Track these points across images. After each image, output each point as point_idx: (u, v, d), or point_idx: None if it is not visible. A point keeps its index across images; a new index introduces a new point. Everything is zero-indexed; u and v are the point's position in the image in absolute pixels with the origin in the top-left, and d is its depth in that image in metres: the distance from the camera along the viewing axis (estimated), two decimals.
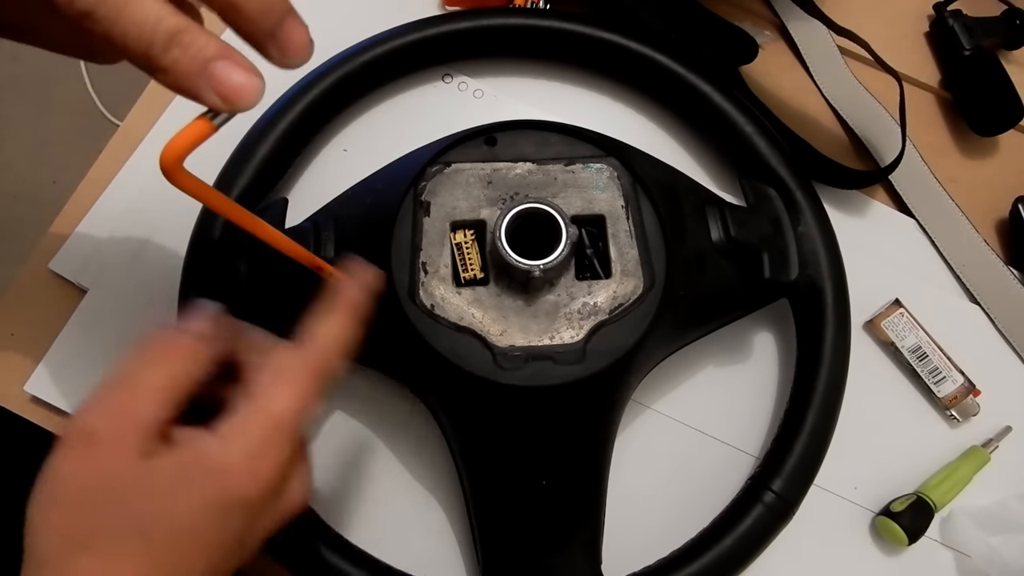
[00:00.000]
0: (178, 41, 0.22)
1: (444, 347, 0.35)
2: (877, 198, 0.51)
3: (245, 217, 0.28)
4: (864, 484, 0.44)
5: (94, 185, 0.48)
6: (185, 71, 0.22)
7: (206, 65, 0.22)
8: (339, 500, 0.42)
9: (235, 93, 0.23)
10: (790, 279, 0.42)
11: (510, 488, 0.38)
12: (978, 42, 0.53)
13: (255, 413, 0.27)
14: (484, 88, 0.51)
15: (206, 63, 0.22)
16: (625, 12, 0.49)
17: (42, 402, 0.43)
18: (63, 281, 0.46)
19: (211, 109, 0.23)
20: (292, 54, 0.24)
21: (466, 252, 0.37)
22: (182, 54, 0.22)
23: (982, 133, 0.52)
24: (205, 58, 0.22)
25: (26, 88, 1.38)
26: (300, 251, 0.31)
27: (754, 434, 0.45)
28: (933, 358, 0.46)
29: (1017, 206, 0.50)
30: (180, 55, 0.22)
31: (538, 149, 0.40)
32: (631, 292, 0.37)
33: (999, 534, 0.43)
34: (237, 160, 0.43)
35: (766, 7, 0.55)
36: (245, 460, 0.26)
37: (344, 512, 0.42)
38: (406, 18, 0.47)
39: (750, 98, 0.50)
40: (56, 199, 0.92)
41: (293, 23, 0.24)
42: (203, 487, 0.26)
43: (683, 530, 0.40)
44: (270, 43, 0.24)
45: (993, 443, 0.45)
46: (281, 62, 0.25)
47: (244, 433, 0.27)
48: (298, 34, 0.24)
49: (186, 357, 0.28)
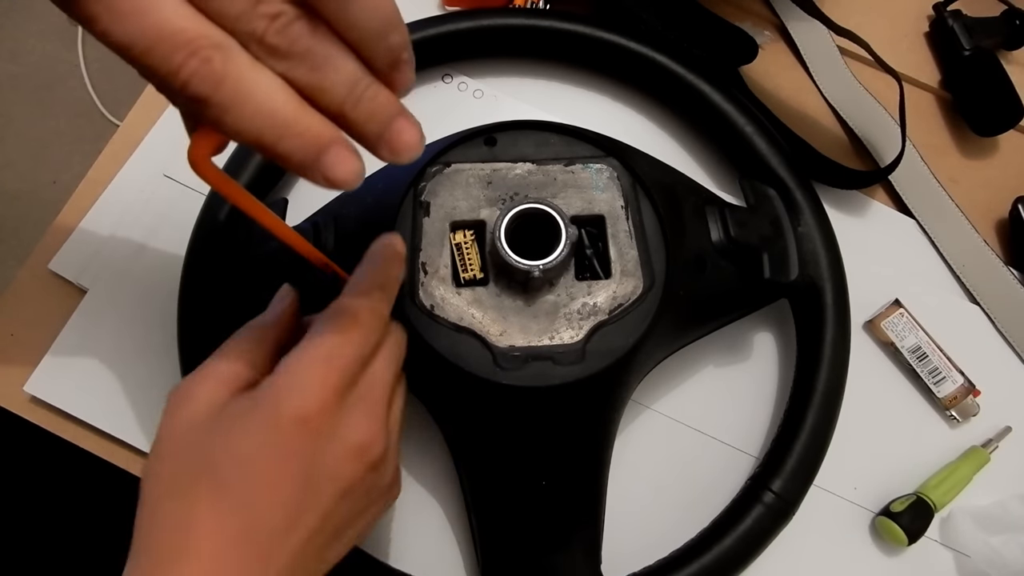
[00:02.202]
0: (292, 132, 0.22)
1: (444, 347, 0.35)
2: (877, 198, 0.51)
3: (257, 208, 0.28)
4: (864, 484, 0.45)
5: (94, 185, 0.48)
6: (300, 161, 0.23)
7: (319, 155, 0.23)
8: None
9: (342, 181, 0.23)
10: (790, 279, 0.42)
11: (510, 488, 0.38)
12: (978, 42, 0.53)
13: (300, 350, 0.28)
14: (484, 88, 0.51)
15: (319, 153, 0.23)
16: (625, 12, 0.49)
17: (42, 402, 0.43)
18: (63, 281, 0.46)
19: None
20: (401, 153, 0.25)
21: (466, 252, 0.37)
22: (298, 141, 0.23)
23: (982, 133, 0.52)
24: (319, 147, 0.23)
25: (26, 88, 1.38)
26: (312, 251, 0.31)
27: (754, 434, 0.45)
28: (933, 358, 0.46)
29: (1017, 206, 0.50)
30: (295, 144, 0.23)
31: (538, 149, 0.40)
32: (631, 292, 0.37)
33: (999, 534, 0.43)
34: (237, 160, 0.43)
35: (766, 7, 0.55)
36: (290, 378, 0.28)
37: None
38: (406, 18, 0.47)
39: (750, 98, 0.50)
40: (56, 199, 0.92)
41: (401, 125, 0.24)
42: (256, 413, 0.27)
43: (683, 530, 0.40)
44: (380, 144, 0.24)
45: (993, 443, 0.45)
46: (392, 160, 0.25)
47: (291, 362, 0.28)
48: (408, 135, 0.24)
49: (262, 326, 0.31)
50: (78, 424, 0.43)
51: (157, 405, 0.42)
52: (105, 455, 0.43)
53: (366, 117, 0.24)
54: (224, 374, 0.29)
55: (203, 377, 0.29)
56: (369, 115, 0.24)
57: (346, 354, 0.29)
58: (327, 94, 0.23)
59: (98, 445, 0.43)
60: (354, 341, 0.29)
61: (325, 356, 0.28)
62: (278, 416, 0.27)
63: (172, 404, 0.29)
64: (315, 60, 0.22)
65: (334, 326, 0.29)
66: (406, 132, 0.24)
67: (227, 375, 0.29)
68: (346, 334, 0.29)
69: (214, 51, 0.21)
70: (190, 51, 0.21)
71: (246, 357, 0.30)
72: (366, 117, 0.24)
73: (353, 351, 0.29)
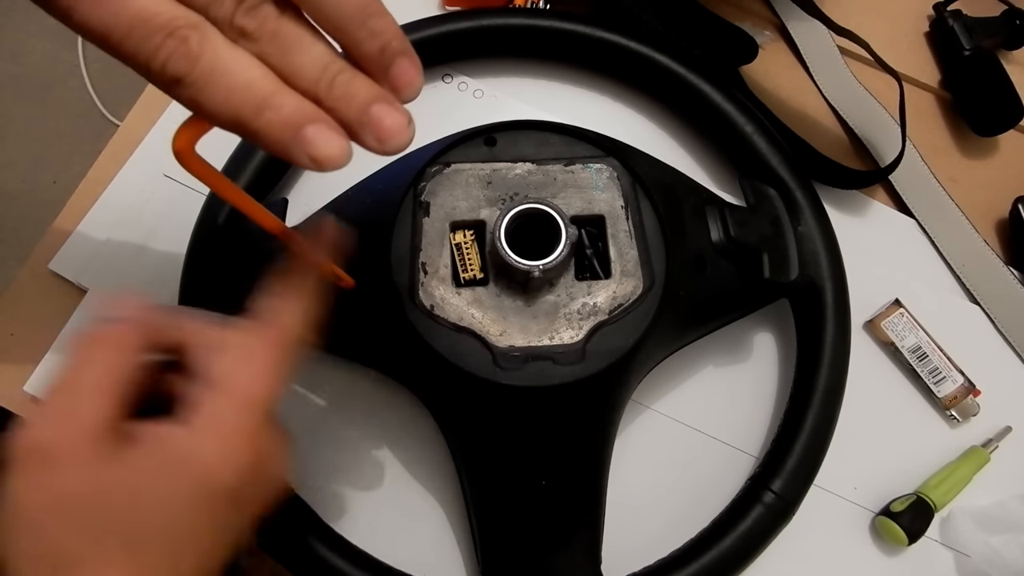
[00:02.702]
0: (269, 105, 0.22)
1: (444, 347, 0.35)
2: (877, 198, 0.51)
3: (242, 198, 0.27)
4: (864, 484, 0.44)
5: (94, 185, 0.48)
6: (279, 137, 0.22)
7: (298, 130, 0.22)
8: (339, 500, 0.42)
9: (327, 158, 0.23)
10: (790, 279, 0.42)
11: (510, 488, 0.38)
12: (978, 42, 0.53)
13: (222, 397, 0.26)
14: (484, 88, 0.51)
15: (298, 128, 0.22)
16: (625, 12, 0.49)
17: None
18: (63, 281, 0.46)
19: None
20: (386, 141, 0.23)
21: (466, 252, 0.37)
22: (275, 116, 0.22)
23: (982, 133, 0.52)
24: (297, 123, 0.22)
25: (26, 88, 1.38)
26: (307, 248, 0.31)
27: (754, 434, 0.45)
28: (933, 358, 0.46)
29: (1017, 206, 0.50)
30: (273, 118, 0.22)
31: (538, 149, 0.40)
32: (631, 292, 0.37)
33: (999, 534, 0.43)
34: (237, 160, 0.43)
35: (766, 7, 0.55)
36: (218, 445, 0.25)
37: (344, 512, 0.42)
38: (406, 18, 0.47)
39: (750, 98, 0.50)
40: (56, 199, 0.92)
41: (383, 110, 0.23)
42: (178, 479, 0.25)
43: (683, 530, 0.40)
44: (362, 131, 0.23)
45: (993, 443, 0.45)
46: (379, 148, 0.24)
47: (213, 418, 0.26)
48: (390, 120, 0.23)
49: (117, 347, 0.26)
50: None
51: None
52: None
53: (342, 100, 0.23)
54: (88, 418, 0.25)
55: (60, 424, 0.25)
56: (344, 97, 0.23)
57: (264, 405, 0.27)
58: (300, 77, 0.23)
59: None
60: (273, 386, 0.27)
61: (245, 408, 0.26)
62: (204, 485, 0.25)
63: (26, 460, 0.24)
64: (284, 42, 0.23)
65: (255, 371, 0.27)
66: (388, 117, 0.23)
67: (92, 419, 0.25)
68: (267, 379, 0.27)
69: (190, 31, 0.21)
70: (167, 32, 0.21)
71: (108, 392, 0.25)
72: (342, 100, 0.23)
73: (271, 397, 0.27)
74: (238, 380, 0.26)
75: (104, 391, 0.25)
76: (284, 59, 0.23)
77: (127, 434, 0.25)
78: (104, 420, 0.25)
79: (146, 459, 0.25)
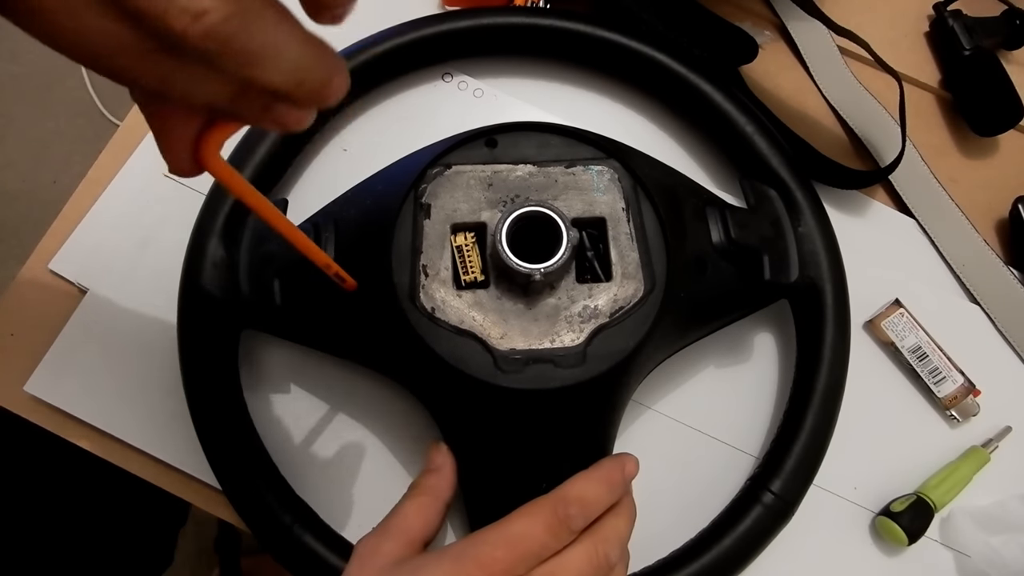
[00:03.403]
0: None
1: (444, 350, 0.35)
2: (877, 198, 0.51)
3: (263, 204, 0.28)
4: (864, 484, 0.45)
5: (94, 185, 0.48)
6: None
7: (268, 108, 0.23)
8: (339, 501, 0.42)
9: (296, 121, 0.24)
10: (790, 280, 0.42)
11: (510, 490, 0.38)
12: (978, 42, 0.53)
13: (495, 528, 0.32)
14: (484, 87, 0.51)
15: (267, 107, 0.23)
16: (625, 11, 0.49)
17: (42, 402, 0.43)
18: (63, 281, 0.46)
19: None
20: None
21: (466, 255, 0.37)
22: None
23: (982, 133, 0.52)
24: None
25: (26, 88, 1.38)
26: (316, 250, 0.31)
27: (754, 434, 0.45)
28: (933, 358, 0.46)
29: (1017, 206, 0.50)
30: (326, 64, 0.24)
31: (539, 151, 0.40)
32: (632, 295, 0.37)
33: (999, 534, 0.43)
34: (237, 160, 0.43)
35: (766, 7, 0.55)
36: (479, 548, 0.31)
37: (344, 513, 0.42)
38: (406, 17, 0.47)
39: (750, 98, 0.50)
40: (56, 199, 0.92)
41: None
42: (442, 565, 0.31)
43: (683, 530, 0.40)
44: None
45: (993, 443, 0.45)
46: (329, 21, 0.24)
47: (482, 538, 0.32)
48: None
49: (437, 490, 0.37)
50: (78, 424, 0.43)
51: (157, 405, 0.43)
52: (105, 455, 0.43)
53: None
54: (406, 534, 0.34)
55: (389, 535, 0.34)
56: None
57: (532, 542, 0.31)
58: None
59: (98, 445, 0.43)
60: (544, 534, 0.32)
61: (511, 539, 0.31)
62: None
63: (361, 555, 0.33)
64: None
65: (532, 513, 0.32)
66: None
67: (409, 535, 0.34)
68: (542, 526, 0.32)
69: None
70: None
71: (423, 519, 0.35)
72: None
73: (541, 544, 0.32)
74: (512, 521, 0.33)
75: (422, 517, 0.35)
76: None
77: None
78: (419, 539, 0.34)
79: (413, 564, 0.32)
